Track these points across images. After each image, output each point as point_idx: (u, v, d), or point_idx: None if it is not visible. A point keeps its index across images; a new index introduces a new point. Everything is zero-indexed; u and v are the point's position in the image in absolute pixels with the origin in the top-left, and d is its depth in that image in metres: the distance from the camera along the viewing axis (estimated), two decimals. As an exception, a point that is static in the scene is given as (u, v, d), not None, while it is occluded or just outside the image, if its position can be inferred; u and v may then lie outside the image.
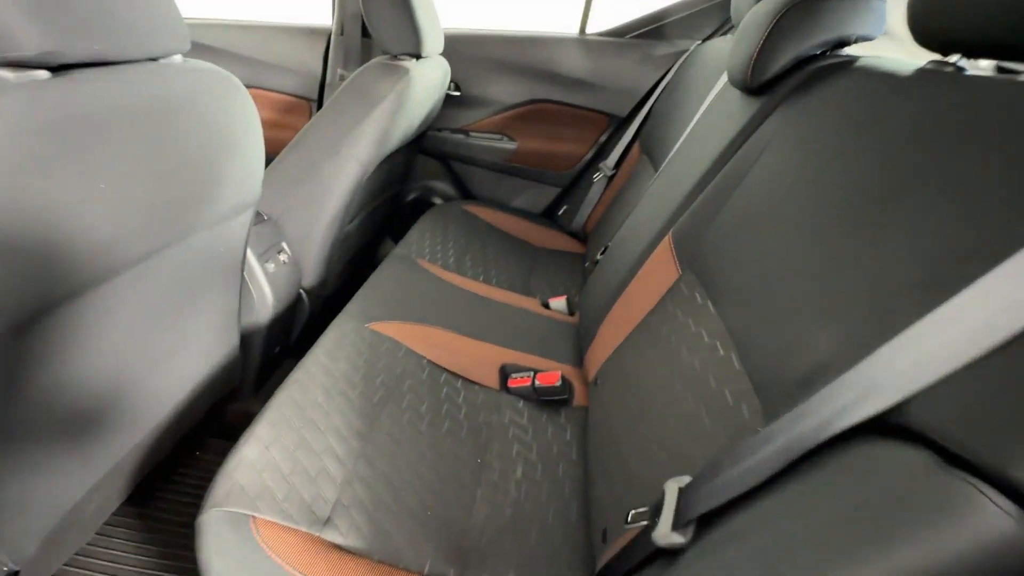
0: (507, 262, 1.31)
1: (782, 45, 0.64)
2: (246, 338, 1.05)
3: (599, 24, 1.45)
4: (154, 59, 0.55)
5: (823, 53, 0.66)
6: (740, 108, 0.73)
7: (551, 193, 1.62)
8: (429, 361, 0.90)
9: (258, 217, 1.05)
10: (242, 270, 0.91)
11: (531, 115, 1.53)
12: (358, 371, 0.82)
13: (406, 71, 1.05)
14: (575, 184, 1.57)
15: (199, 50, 1.61)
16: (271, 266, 1.05)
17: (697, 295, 0.66)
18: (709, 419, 0.52)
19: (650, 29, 1.40)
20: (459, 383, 0.88)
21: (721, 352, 0.56)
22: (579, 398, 0.90)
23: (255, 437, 0.65)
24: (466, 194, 1.68)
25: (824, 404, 0.34)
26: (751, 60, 0.67)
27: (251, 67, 1.60)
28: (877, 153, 0.46)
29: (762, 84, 0.68)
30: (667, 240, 0.77)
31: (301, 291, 1.18)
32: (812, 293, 0.45)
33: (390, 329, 0.92)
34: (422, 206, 1.73)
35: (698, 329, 0.62)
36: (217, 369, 0.93)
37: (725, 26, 1.33)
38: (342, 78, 1.51)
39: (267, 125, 1.67)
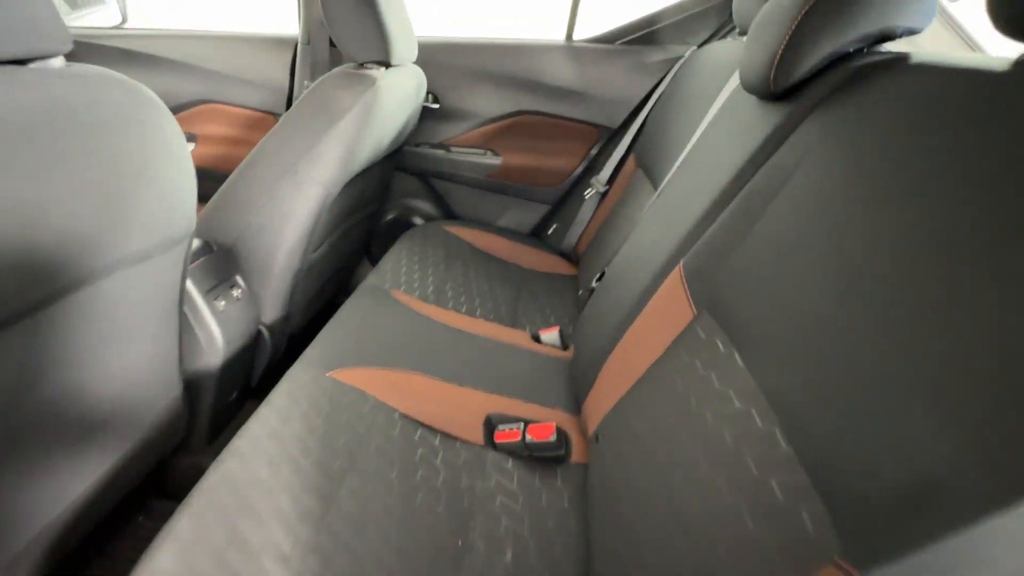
0: (493, 289, 1.19)
1: (813, 40, 0.53)
2: (193, 386, 0.92)
3: (587, 30, 1.35)
4: (20, 62, 0.43)
5: (861, 50, 0.55)
6: (759, 117, 0.62)
7: (539, 211, 1.51)
8: (401, 414, 0.77)
9: (206, 247, 0.92)
10: (180, 312, 0.77)
11: (516, 128, 1.42)
12: (314, 432, 0.69)
13: (373, 80, 0.93)
14: (565, 201, 1.46)
15: (154, 64, 1.48)
16: (222, 303, 0.91)
17: (719, 343, 0.54)
18: (751, 517, 0.40)
19: (641, 35, 1.30)
20: (437, 439, 0.75)
21: (760, 424, 0.44)
22: (578, 453, 0.77)
23: (173, 537, 0.51)
24: (448, 213, 1.56)
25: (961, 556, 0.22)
26: (774, 60, 0.56)
27: (212, 80, 1.48)
28: (974, 172, 0.35)
29: (787, 88, 0.57)
30: (677, 272, 0.65)
31: (261, 328, 1.05)
32: (895, 363, 0.34)
33: (355, 377, 0.79)
34: (401, 227, 1.60)
35: (724, 388, 0.50)
36: (155, 426, 0.79)
37: (723, 29, 1.24)
38: (310, 91, 1.39)
39: (231, 142, 1.54)
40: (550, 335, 1.05)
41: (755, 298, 0.51)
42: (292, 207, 0.94)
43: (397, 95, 1.02)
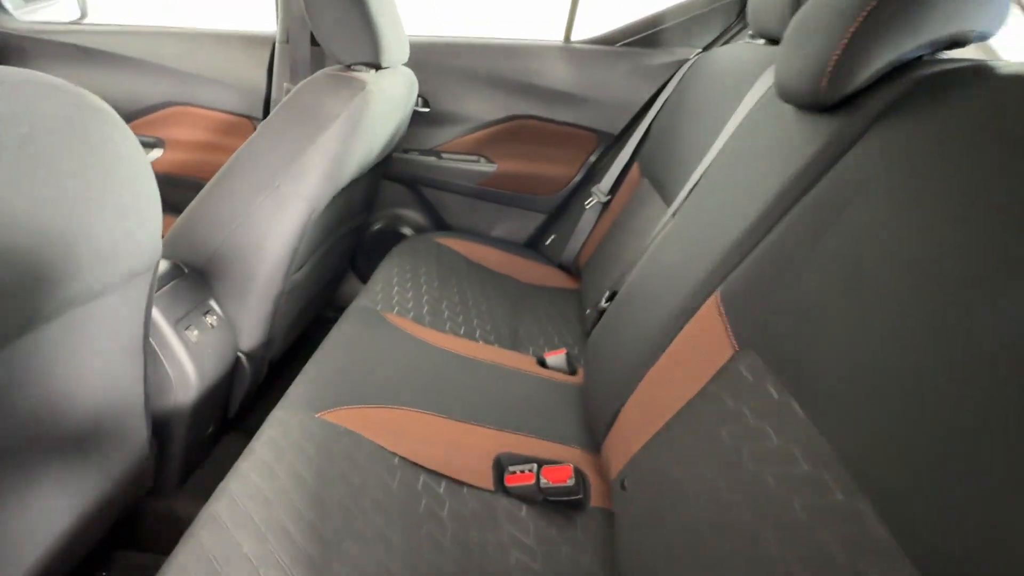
0: (491, 307, 1.11)
1: (874, 47, 0.47)
2: (163, 425, 0.82)
3: (586, 31, 1.28)
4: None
5: (920, 57, 0.49)
6: (804, 131, 0.56)
7: (535, 220, 1.43)
8: (401, 459, 0.69)
9: (175, 270, 0.83)
10: (144, 347, 0.68)
11: (511, 133, 1.34)
12: (303, 489, 0.60)
13: (362, 85, 0.85)
14: (563, 210, 1.39)
15: (116, 63, 1.37)
16: (194, 333, 0.82)
17: (771, 389, 0.47)
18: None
19: (644, 36, 1.24)
20: (442, 487, 0.67)
21: (840, 497, 0.37)
22: (597, 496, 0.70)
23: None
24: (438, 223, 1.48)
25: None
26: (826, 68, 0.50)
27: (182, 81, 1.37)
28: None
29: (841, 100, 0.51)
30: (713, 302, 0.58)
31: (239, 355, 0.95)
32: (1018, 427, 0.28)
33: (348, 418, 0.71)
34: (389, 238, 1.51)
35: (786, 446, 0.43)
36: (119, 476, 0.70)
37: (731, 32, 1.19)
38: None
39: (203, 148, 1.43)
40: (556, 359, 0.97)
41: (815, 340, 0.45)
42: (272, 225, 0.85)
43: (388, 100, 0.93)
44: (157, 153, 1.43)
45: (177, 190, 1.48)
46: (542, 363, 0.98)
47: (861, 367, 0.40)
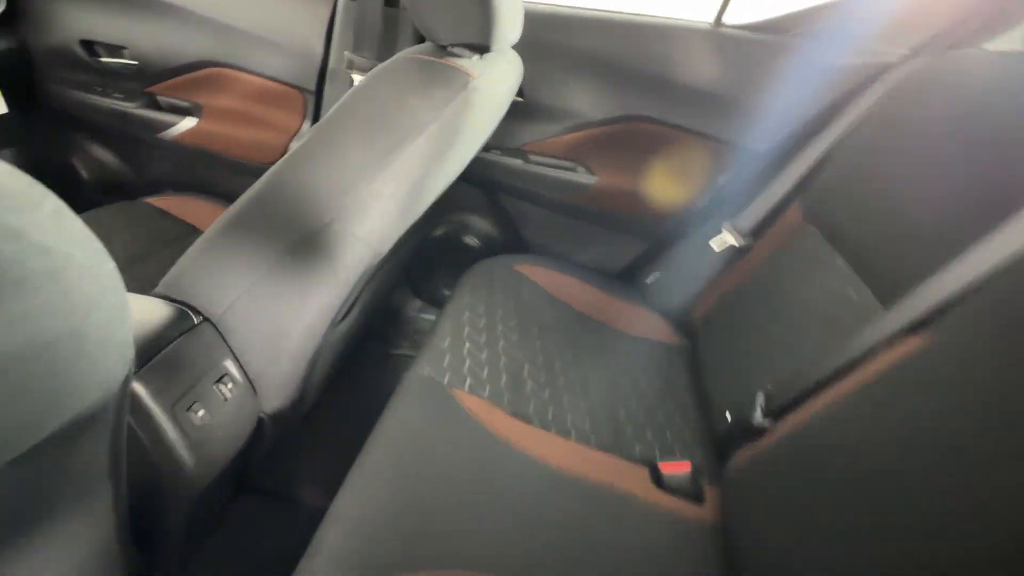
0: (584, 374, 0.86)
1: None
2: (149, 530, 0.61)
3: (748, 14, 0.95)
4: None
5: None
6: None
7: (634, 248, 1.15)
8: None
9: (180, 321, 0.59)
10: (115, 478, 0.46)
11: (621, 138, 1.05)
12: None
13: (466, 79, 0.57)
14: (674, 243, 1.10)
15: (154, 9, 1.13)
16: (199, 414, 0.59)
17: None
18: None
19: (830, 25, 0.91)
20: None
21: None
22: None
23: None
24: (514, 239, 1.21)
25: None
26: None
27: (226, 38, 1.12)
28: None
29: None
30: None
31: (262, 416, 0.74)
32: None
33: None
34: (451, 247, 1.26)
35: None
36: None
37: (965, 31, 0.84)
38: (351, 66, 1.03)
39: (244, 121, 1.19)
40: (678, 477, 0.72)
41: None
42: (318, 271, 0.60)
43: (493, 99, 0.66)
44: (190, 123, 1.20)
45: (209, 169, 1.26)
46: (656, 475, 0.72)
47: None
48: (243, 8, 1.10)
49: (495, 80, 0.65)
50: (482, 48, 0.62)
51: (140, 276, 0.64)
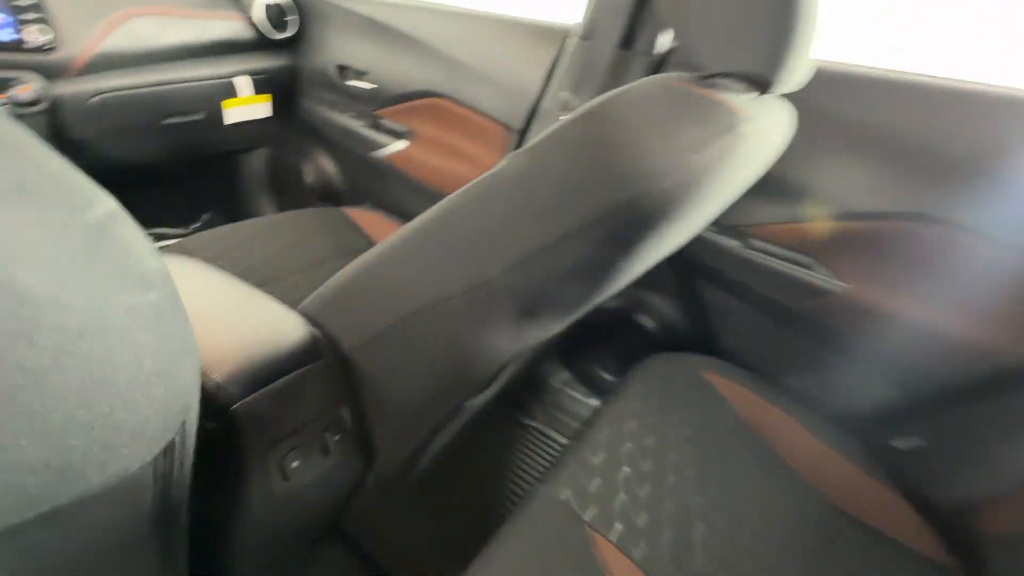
0: (776, 561, 0.58)
1: None
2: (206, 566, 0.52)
3: None
4: None
5: None
6: None
7: (880, 392, 0.82)
8: None
9: (307, 352, 0.51)
10: (173, 530, 0.36)
11: (895, 240, 0.76)
12: None
13: (733, 117, 0.41)
14: (954, 403, 0.75)
15: (393, 39, 1.20)
16: (294, 464, 0.49)
17: None
18: None
19: None
20: None
21: None
22: None
23: None
24: (701, 336, 0.98)
25: None
26: None
27: (452, 71, 1.14)
28: None
29: None
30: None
31: (367, 474, 0.62)
32: None
33: None
34: (620, 322, 1.07)
35: None
36: None
37: None
38: (564, 107, 0.94)
39: (447, 152, 1.19)
40: None
41: None
42: (474, 328, 0.47)
43: (758, 152, 0.47)
44: (401, 145, 1.25)
45: (406, 191, 1.28)
46: None
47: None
48: (473, 41, 1.10)
49: (767, 130, 0.46)
50: (762, 83, 0.44)
51: (311, 282, 0.60)
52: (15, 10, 0.99)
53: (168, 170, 1.42)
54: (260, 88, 1.36)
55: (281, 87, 1.40)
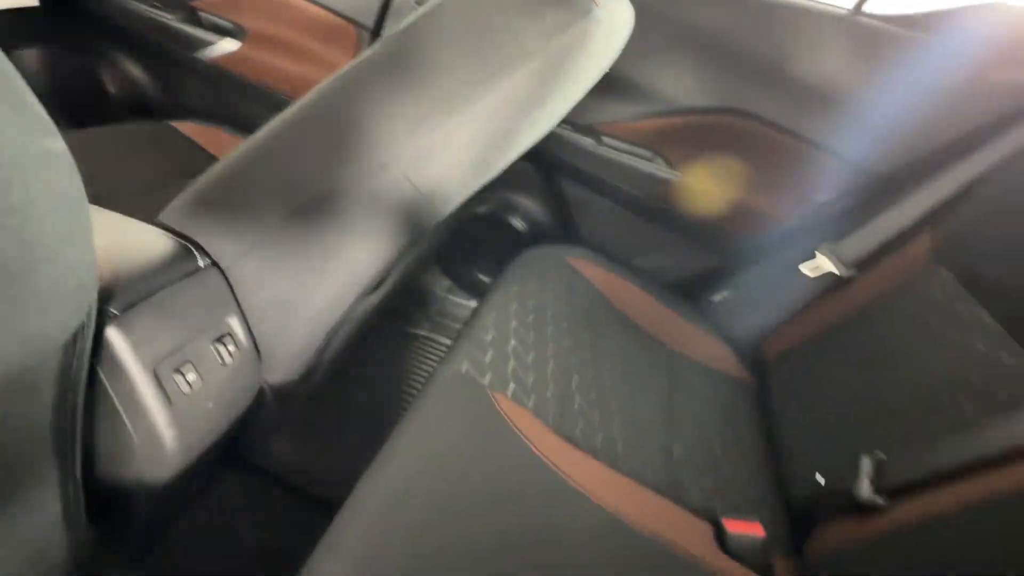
0: (636, 397, 0.73)
1: None
2: (119, 498, 0.50)
3: (899, 4, 0.81)
4: None
5: None
6: None
7: (704, 261, 1.02)
8: None
9: (183, 260, 0.48)
10: (67, 453, 0.34)
11: (714, 132, 0.91)
12: None
13: (589, 4, 0.44)
14: (752, 261, 0.96)
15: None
16: (187, 379, 0.48)
17: None
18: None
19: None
20: None
21: None
22: None
23: None
24: (566, 228, 1.08)
25: None
26: None
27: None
28: None
29: None
30: None
31: (264, 388, 0.62)
32: None
33: None
34: (493, 227, 1.14)
35: None
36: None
37: None
38: (420, 2, 0.90)
39: (290, 53, 1.07)
40: (746, 541, 0.59)
41: None
42: (363, 226, 0.48)
43: (611, 40, 0.52)
44: (231, 45, 1.08)
45: (244, 100, 1.14)
46: (720, 534, 0.60)
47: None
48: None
49: (617, 20, 0.52)
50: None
51: (153, 205, 0.54)
52: None
53: None
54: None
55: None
